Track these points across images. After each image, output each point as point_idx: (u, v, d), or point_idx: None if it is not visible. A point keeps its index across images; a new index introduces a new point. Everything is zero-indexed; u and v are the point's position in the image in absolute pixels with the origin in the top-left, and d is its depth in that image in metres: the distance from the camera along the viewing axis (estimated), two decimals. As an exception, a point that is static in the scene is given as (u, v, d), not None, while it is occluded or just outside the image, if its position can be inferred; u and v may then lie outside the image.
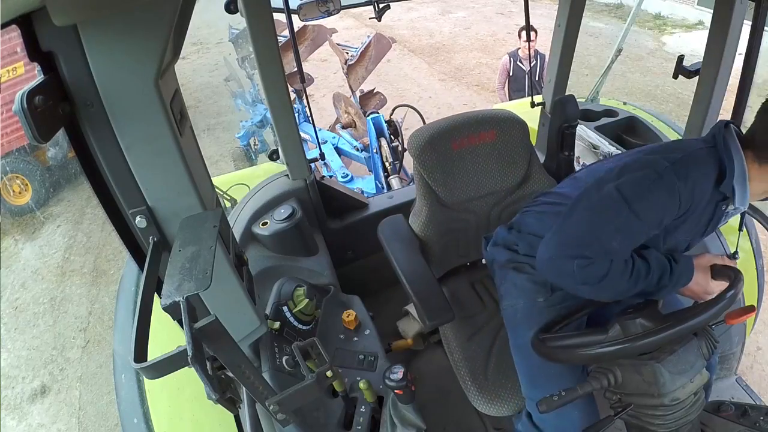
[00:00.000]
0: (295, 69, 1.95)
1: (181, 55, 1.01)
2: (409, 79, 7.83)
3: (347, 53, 4.40)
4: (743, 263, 1.88)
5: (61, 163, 5.75)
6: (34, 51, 0.80)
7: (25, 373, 3.61)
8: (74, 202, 5.61)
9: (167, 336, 1.21)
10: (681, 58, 1.60)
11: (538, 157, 1.67)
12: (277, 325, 1.41)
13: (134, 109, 0.88)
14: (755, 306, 1.84)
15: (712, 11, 1.47)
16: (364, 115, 4.02)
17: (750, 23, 1.38)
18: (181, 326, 0.76)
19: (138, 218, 0.98)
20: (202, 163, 1.12)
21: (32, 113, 0.73)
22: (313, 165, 1.91)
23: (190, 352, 0.72)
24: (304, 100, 3.08)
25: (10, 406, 3.38)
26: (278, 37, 1.57)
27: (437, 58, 8.67)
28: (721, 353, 1.80)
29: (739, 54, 1.49)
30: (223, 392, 0.79)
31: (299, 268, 1.74)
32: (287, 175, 1.88)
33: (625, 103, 2.64)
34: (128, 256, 1.07)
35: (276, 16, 1.62)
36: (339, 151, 4.12)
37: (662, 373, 0.98)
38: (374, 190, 3.60)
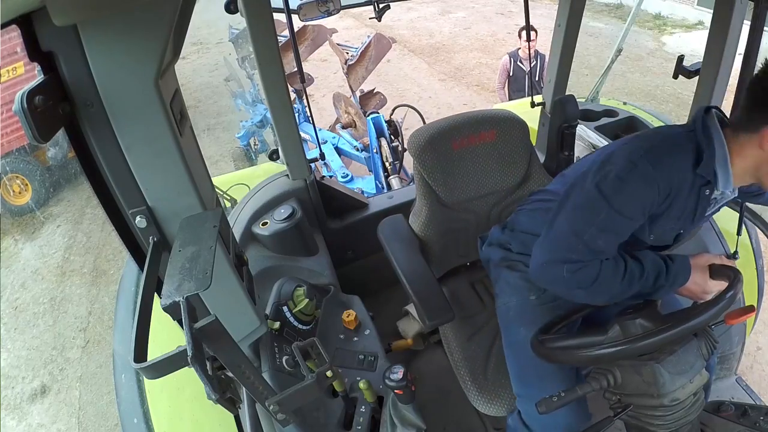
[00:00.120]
0: (295, 69, 1.95)
1: (181, 55, 1.01)
2: (409, 79, 7.83)
3: (347, 53, 4.40)
4: (743, 263, 1.88)
5: (61, 163, 5.75)
6: (34, 51, 0.80)
7: (25, 373, 3.61)
8: (74, 202, 5.61)
9: (167, 336, 1.21)
10: (681, 58, 1.60)
11: (538, 157, 1.67)
12: (277, 325, 1.41)
13: (134, 109, 0.88)
14: (755, 306, 1.84)
15: (712, 11, 1.47)
16: (364, 115, 4.02)
17: (750, 23, 1.38)
18: (181, 326, 0.76)
19: (138, 218, 0.98)
20: (202, 163, 1.12)
21: (32, 113, 0.73)
22: (313, 165, 1.91)
23: (190, 352, 0.72)
24: (304, 100, 3.08)
25: (10, 406, 3.38)
26: (278, 37, 1.57)
27: (437, 58, 8.67)
28: (721, 353, 1.80)
29: (739, 54, 1.49)
30: (223, 392, 0.79)
31: (299, 268, 1.74)
32: (287, 175, 1.88)
33: (625, 103, 2.64)
34: (128, 256, 1.07)
35: (276, 16, 1.62)
36: (339, 151, 4.12)
37: (662, 373, 0.98)
38: (374, 190, 3.60)
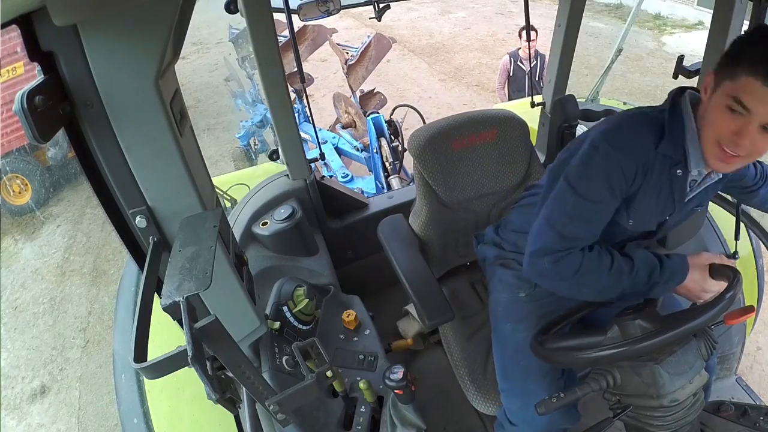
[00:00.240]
0: (295, 69, 1.95)
1: (181, 55, 1.01)
2: (409, 79, 7.83)
3: (347, 53, 4.40)
4: (743, 263, 1.88)
5: (61, 163, 5.75)
6: (34, 51, 0.80)
7: (25, 373, 3.61)
8: (74, 202, 5.61)
9: (167, 336, 1.21)
10: (681, 58, 1.60)
11: (538, 157, 1.67)
12: (277, 325, 1.41)
13: (134, 109, 0.88)
14: (755, 306, 1.84)
15: (712, 11, 1.47)
16: (364, 115, 4.02)
17: (749, 23, 1.38)
18: (181, 326, 0.76)
19: (138, 218, 0.99)
20: (202, 163, 1.12)
21: (32, 113, 0.73)
22: (313, 165, 1.91)
23: (190, 352, 0.72)
24: (304, 100, 3.08)
25: (10, 406, 3.38)
26: (278, 37, 1.57)
27: (437, 58, 8.67)
28: (721, 353, 1.80)
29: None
30: (223, 392, 0.79)
31: (299, 268, 1.74)
32: (287, 175, 1.88)
33: (625, 103, 2.64)
34: (128, 256, 1.07)
35: (276, 16, 1.62)
36: (339, 151, 4.13)
37: (661, 374, 0.97)
38: (374, 190, 3.60)
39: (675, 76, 1.62)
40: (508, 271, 1.37)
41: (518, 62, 4.66)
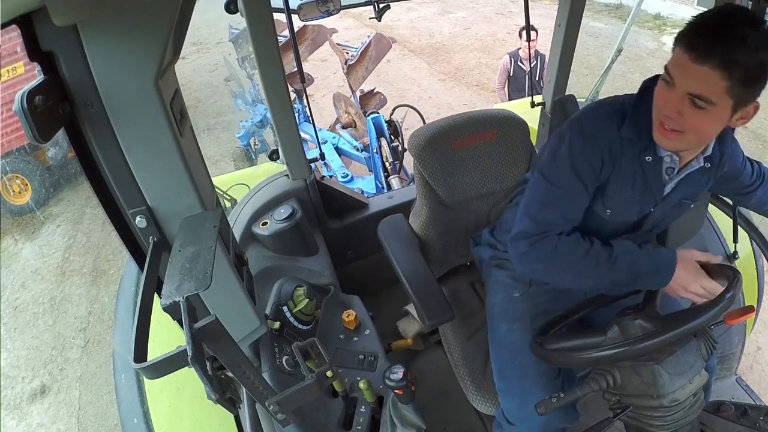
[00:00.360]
0: (295, 69, 1.95)
1: (181, 55, 1.01)
2: (409, 79, 7.83)
3: (347, 53, 4.40)
4: (743, 263, 1.88)
5: (61, 163, 5.75)
6: (34, 51, 0.80)
7: (25, 373, 3.61)
8: (74, 202, 5.61)
9: (167, 336, 1.21)
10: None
11: (538, 157, 1.67)
12: (277, 325, 1.41)
13: (134, 109, 0.88)
14: (755, 306, 1.84)
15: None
16: (364, 115, 4.02)
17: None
18: (181, 326, 0.76)
19: (138, 218, 0.99)
20: (202, 163, 1.12)
21: (32, 113, 0.73)
22: (313, 165, 1.91)
23: (190, 352, 0.72)
24: (304, 100, 3.08)
25: (10, 406, 3.38)
26: (278, 37, 1.57)
27: (437, 58, 8.67)
28: (721, 353, 1.80)
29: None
30: (223, 392, 0.79)
31: (299, 268, 1.74)
32: (287, 175, 1.88)
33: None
34: (128, 256, 1.07)
35: (276, 16, 1.62)
36: (339, 151, 4.13)
37: (661, 374, 0.98)
38: (374, 190, 3.60)
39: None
40: (503, 271, 1.39)
41: (518, 62, 4.66)
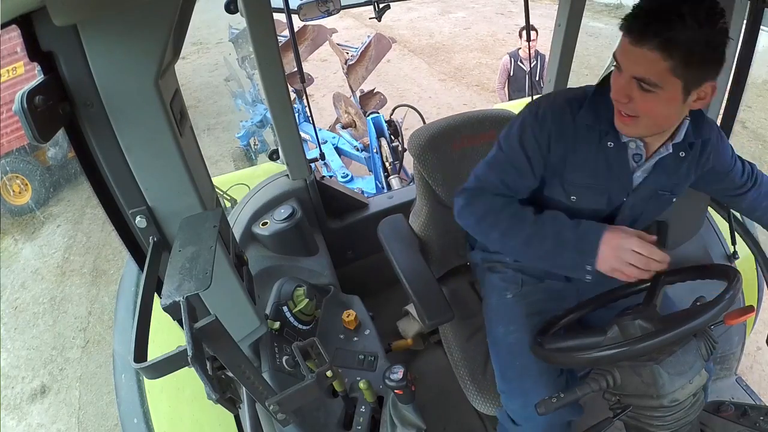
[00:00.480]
0: (295, 69, 1.96)
1: (181, 55, 1.01)
2: (409, 79, 7.83)
3: (347, 53, 4.40)
4: (743, 263, 1.88)
5: (61, 163, 5.75)
6: (34, 51, 0.80)
7: (25, 373, 3.61)
8: (74, 202, 5.61)
9: (167, 336, 1.21)
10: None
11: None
12: (277, 325, 1.41)
13: (134, 109, 0.88)
14: (755, 306, 1.84)
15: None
16: (364, 115, 4.02)
17: (746, 20, 1.38)
18: (181, 326, 0.76)
19: (138, 218, 0.99)
20: (202, 163, 1.12)
21: (32, 113, 0.73)
22: (313, 165, 1.91)
23: (190, 352, 0.72)
24: (304, 100, 3.08)
25: (10, 406, 3.38)
26: (278, 37, 1.57)
27: (437, 58, 8.67)
28: (721, 353, 1.80)
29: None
30: (223, 392, 0.79)
31: (299, 268, 1.74)
32: (287, 175, 1.88)
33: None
34: (128, 256, 1.07)
35: (276, 16, 1.62)
36: (339, 151, 4.13)
37: (661, 374, 0.97)
38: (374, 190, 3.60)
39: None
40: (495, 274, 1.39)
41: (518, 62, 4.66)
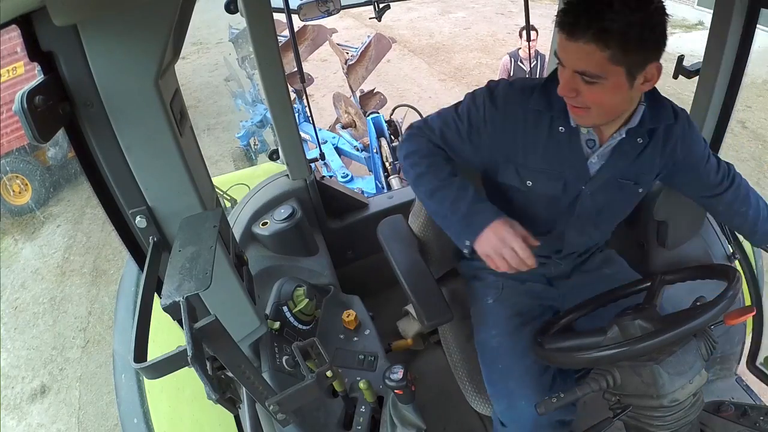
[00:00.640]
0: (295, 69, 1.96)
1: (181, 55, 1.01)
2: (409, 80, 7.83)
3: (347, 53, 4.40)
4: (743, 263, 1.87)
5: (60, 163, 5.76)
6: (34, 51, 0.80)
7: (25, 373, 3.62)
8: (74, 202, 5.62)
9: (167, 336, 1.21)
10: (681, 58, 1.60)
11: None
12: (277, 325, 1.41)
13: (134, 109, 0.88)
14: (754, 307, 1.84)
15: (712, 11, 1.46)
16: (364, 115, 4.02)
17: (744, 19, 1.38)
18: (181, 326, 0.76)
19: (138, 218, 0.99)
20: (202, 163, 1.12)
21: (32, 113, 0.73)
22: (313, 165, 1.90)
23: (189, 352, 0.72)
24: (304, 100, 3.08)
25: (10, 406, 3.38)
26: (278, 37, 1.57)
27: (437, 58, 8.67)
28: (721, 353, 1.80)
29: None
30: (223, 392, 0.79)
31: (299, 268, 1.73)
32: (287, 175, 1.88)
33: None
34: (128, 256, 1.07)
35: (276, 16, 1.62)
36: (339, 151, 4.13)
37: (661, 374, 0.97)
38: (374, 190, 3.60)
39: (675, 76, 1.61)
40: (478, 281, 1.41)
41: (518, 62, 4.66)
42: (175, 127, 0.94)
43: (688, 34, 8.59)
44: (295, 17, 1.94)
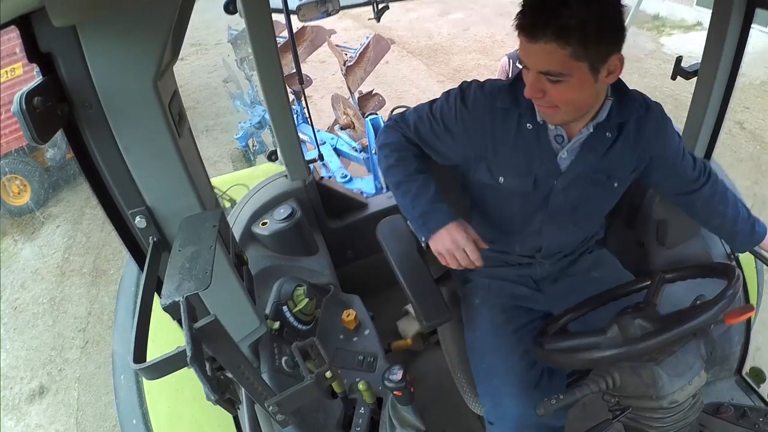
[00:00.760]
0: (294, 70, 1.95)
1: (179, 56, 1.01)
2: (407, 81, 7.82)
3: (346, 54, 4.39)
4: (743, 263, 1.87)
5: (59, 164, 5.75)
6: (33, 52, 0.80)
7: (24, 374, 3.61)
8: (73, 202, 5.61)
9: (167, 336, 1.21)
10: (679, 59, 1.60)
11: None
12: (277, 325, 1.41)
13: (133, 111, 0.88)
14: (754, 305, 1.84)
15: (711, 12, 1.47)
16: (363, 117, 4.01)
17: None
18: (181, 326, 0.76)
19: (138, 218, 0.99)
20: (201, 164, 1.12)
21: (31, 114, 0.73)
22: (312, 166, 1.90)
23: (189, 353, 0.72)
24: (303, 101, 3.08)
25: (9, 407, 3.38)
26: (277, 38, 1.57)
27: (436, 59, 8.66)
28: (721, 353, 1.80)
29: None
30: (222, 393, 0.79)
31: (299, 268, 1.73)
32: (286, 176, 1.88)
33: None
34: (128, 256, 1.07)
35: (275, 16, 1.62)
36: (338, 152, 4.12)
37: (661, 375, 0.97)
38: (373, 191, 3.60)
39: (673, 77, 1.61)
40: (466, 284, 1.43)
41: (517, 63, 4.66)
42: (174, 128, 0.94)
43: (686, 34, 8.60)
44: (294, 18, 1.94)
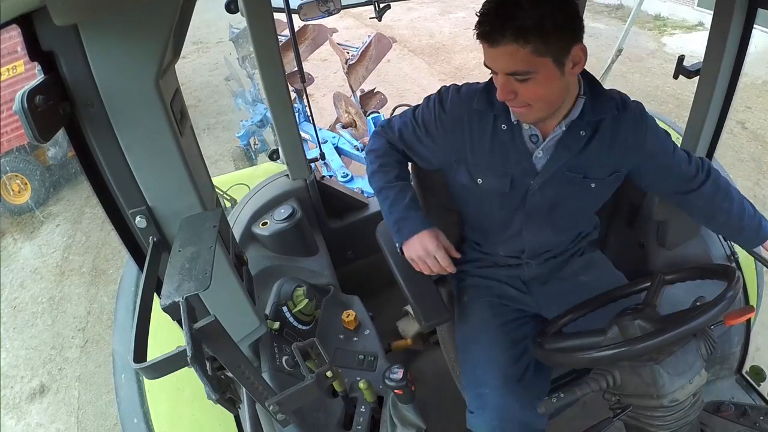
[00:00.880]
0: (296, 68, 1.95)
1: (181, 55, 1.01)
2: (409, 79, 7.82)
3: (348, 53, 4.39)
4: (743, 263, 1.87)
5: (60, 163, 5.74)
6: (35, 51, 0.80)
7: (24, 373, 3.61)
8: (73, 201, 5.60)
9: (167, 336, 1.21)
10: (681, 59, 1.60)
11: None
12: (277, 325, 1.41)
13: (134, 109, 0.88)
14: (754, 306, 1.84)
15: (713, 12, 1.46)
16: (365, 115, 4.01)
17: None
18: (181, 326, 0.76)
19: (138, 218, 0.99)
20: (202, 163, 1.12)
21: (33, 113, 0.73)
22: (313, 165, 1.90)
23: (189, 353, 0.72)
24: (305, 100, 3.08)
25: (9, 406, 3.38)
26: (278, 37, 1.57)
27: (437, 58, 8.66)
28: (721, 353, 1.80)
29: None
30: (223, 392, 0.79)
31: (299, 268, 1.73)
32: (287, 175, 1.88)
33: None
34: (128, 256, 1.07)
35: (276, 15, 1.61)
36: (339, 151, 4.12)
37: (661, 374, 0.97)
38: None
39: (675, 77, 1.61)
40: (459, 282, 1.45)
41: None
42: (176, 127, 0.94)
43: (688, 34, 8.59)
44: (295, 17, 1.94)
